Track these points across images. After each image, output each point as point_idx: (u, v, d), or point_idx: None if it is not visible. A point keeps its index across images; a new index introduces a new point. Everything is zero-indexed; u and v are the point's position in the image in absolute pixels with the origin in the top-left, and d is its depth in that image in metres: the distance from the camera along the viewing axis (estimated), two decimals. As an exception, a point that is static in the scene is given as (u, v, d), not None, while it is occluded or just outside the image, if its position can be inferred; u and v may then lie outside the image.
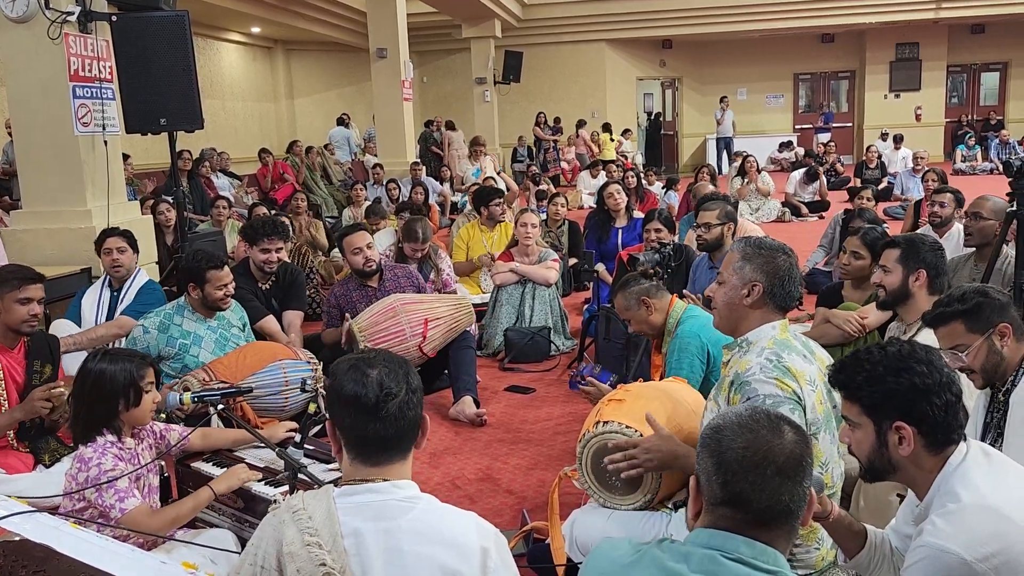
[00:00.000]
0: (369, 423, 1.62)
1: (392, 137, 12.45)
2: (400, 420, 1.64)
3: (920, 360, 1.75)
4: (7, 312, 3.34)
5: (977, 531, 1.63)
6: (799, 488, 1.41)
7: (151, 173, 12.14)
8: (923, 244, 3.18)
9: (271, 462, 3.04)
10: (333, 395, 1.67)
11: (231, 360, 3.77)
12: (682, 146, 21.19)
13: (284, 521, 1.60)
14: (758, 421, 1.45)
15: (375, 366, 1.66)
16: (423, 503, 1.64)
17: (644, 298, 3.42)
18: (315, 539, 1.56)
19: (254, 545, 1.62)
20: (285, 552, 1.56)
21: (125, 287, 4.64)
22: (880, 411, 1.76)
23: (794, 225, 10.83)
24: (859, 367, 1.79)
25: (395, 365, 1.68)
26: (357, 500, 1.61)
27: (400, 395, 1.64)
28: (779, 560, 1.39)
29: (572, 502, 3.08)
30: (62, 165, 5.43)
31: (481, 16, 15.98)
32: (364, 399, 1.62)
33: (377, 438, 1.63)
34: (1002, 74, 20.36)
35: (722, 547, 1.38)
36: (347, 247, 4.97)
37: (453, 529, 1.62)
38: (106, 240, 4.65)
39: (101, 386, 2.63)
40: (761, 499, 1.39)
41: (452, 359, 4.73)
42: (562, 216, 7.51)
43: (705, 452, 1.45)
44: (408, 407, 1.65)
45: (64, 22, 5.16)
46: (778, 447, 1.41)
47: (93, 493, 2.50)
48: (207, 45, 15.13)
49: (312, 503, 1.61)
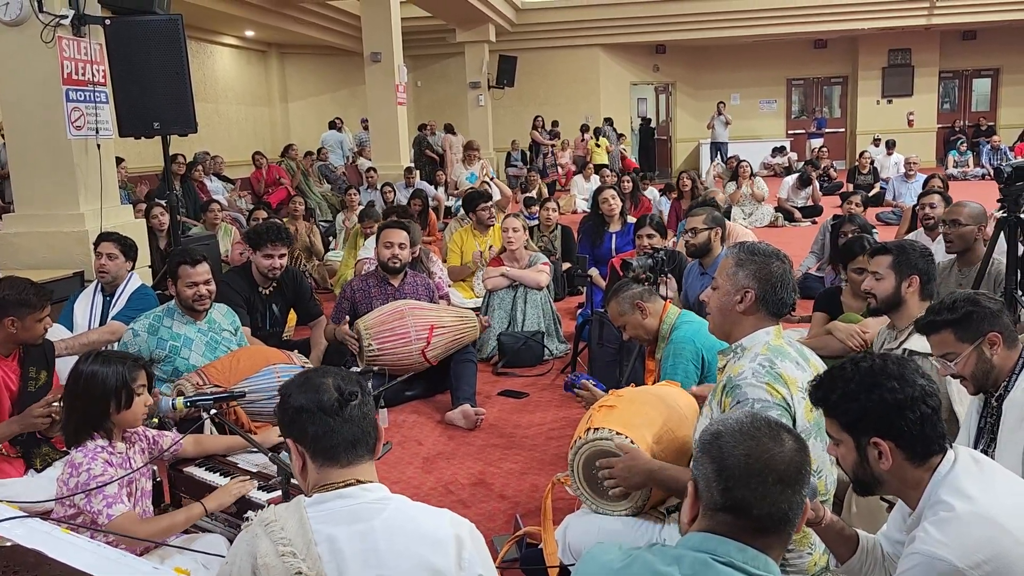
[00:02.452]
0: (336, 426, 1.68)
1: (386, 141, 12.46)
2: (363, 421, 1.71)
3: (891, 375, 1.75)
4: (28, 331, 3.39)
5: (969, 539, 1.64)
6: (798, 496, 1.42)
7: (144, 177, 12.11)
8: (913, 250, 3.18)
9: (264, 467, 3.04)
10: (290, 411, 1.71)
11: (224, 364, 3.76)
12: (675, 151, 21.23)
13: (257, 535, 1.62)
14: (759, 428, 1.46)
15: (328, 376, 1.73)
16: (395, 503, 1.67)
17: (638, 302, 3.43)
18: (289, 548, 1.58)
19: (229, 562, 1.65)
20: (260, 565, 1.58)
21: (118, 292, 4.62)
22: (857, 428, 1.78)
23: (787, 230, 10.87)
24: (834, 385, 1.81)
25: (347, 375, 1.76)
26: (328, 507, 1.64)
27: (358, 396, 1.71)
28: (770, 566, 1.40)
29: (565, 507, 3.08)
30: (55, 169, 5.41)
31: (475, 20, 16.00)
32: (326, 403, 1.68)
33: (345, 440, 1.68)
34: (994, 80, 20.46)
35: (714, 551, 1.39)
36: (382, 238, 5.05)
37: (427, 524, 1.65)
38: (100, 243, 4.65)
39: (92, 387, 2.63)
40: (762, 507, 1.40)
41: (453, 370, 4.76)
42: (554, 221, 7.53)
43: (705, 458, 1.46)
44: (367, 408, 1.72)
45: (57, 25, 5.15)
46: (779, 455, 1.42)
47: (82, 499, 2.49)
48: (201, 49, 15.11)
49: (284, 515, 1.64)
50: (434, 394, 4.99)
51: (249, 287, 4.87)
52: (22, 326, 3.36)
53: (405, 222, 5.34)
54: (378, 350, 4.56)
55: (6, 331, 3.35)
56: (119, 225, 5.60)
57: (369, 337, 4.55)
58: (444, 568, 1.60)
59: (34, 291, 3.44)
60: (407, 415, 4.70)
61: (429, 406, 4.87)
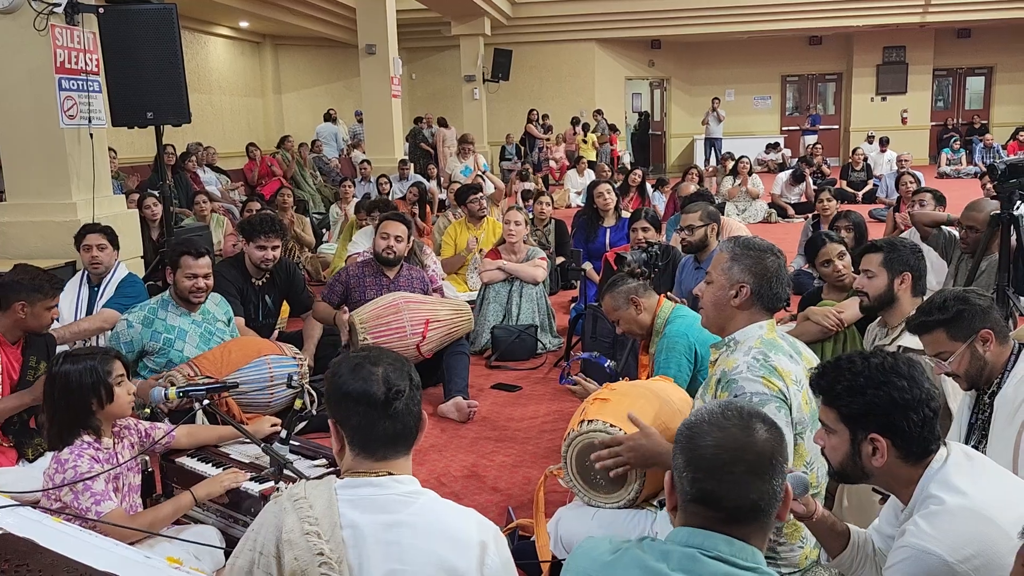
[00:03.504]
0: (379, 420, 1.63)
1: (380, 134, 12.42)
2: (407, 416, 1.66)
3: (902, 375, 1.74)
4: (36, 318, 3.40)
5: (959, 533, 1.65)
6: (768, 486, 1.40)
7: (136, 167, 12.06)
8: (904, 246, 3.19)
9: (256, 458, 3.03)
10: (337, 394, 1.66)
11: (216, 355, 3.75)
12: (670, 146, 21.24)
13: (285, 509, 1.60)
14: (729, 418, 1.44)
15: (379, 364, 1.67)
16: (424, 498, 1.65)
17: (633, 297, 3.42)
18: (314, 528, 1.56)
19: (254, 531, 1.62)
20: (284, 540, 1.56)
21: (104, 282, 4.61)
22: (857, 422, 1.77)
23: (780, 226, 10.89)
24: (840, 375, 1.79)
25: (398, 363, 1.70)
26: (358, 493, 1.62)
27: (406, 392, 1.66)
28: (757, 557, 1.40)
29: (557, 500, 3.09)
30: (47, 158, 5.39)
31: (471, 14, 15.96)
32: (374, 397, 1.63)
33: (386, 435, 1.65)
34: (987, 78, 20.52)
35: (701, 545, 1.39)
36: (380, 228, 5.04)
37: (453, 525, 1.63)
38: (86, 236, 4.62)
39: (69, 389, 2.60)
40: (730, 497, 1.38)
41: (446, 363, 4.75)
42: (548, 215, 7.52)
43: (678, 448, 1.46)
44: (413, 403, 1.68)
45: (50, 14, 5.12)
46: (748, 445, 1.40)
47: (69, 496, 2.48)
48: (195, 39, 15.04)
49: (314, 492, 1.62)
50: (427, 386, 4.98)
51: (242, 277, 4.86)
52: (31, 312, 3.36)
53: (404, 215, 5.33)
54: (372, 344, 4.56)
55: (15, 316, 3.35)
56: (111, 215, 5.58)
57: (364, 331, 4.53)
58: (464, 570, 1.58)
59: (47, 279, 3.46)
60: (400, 408, 4.70)
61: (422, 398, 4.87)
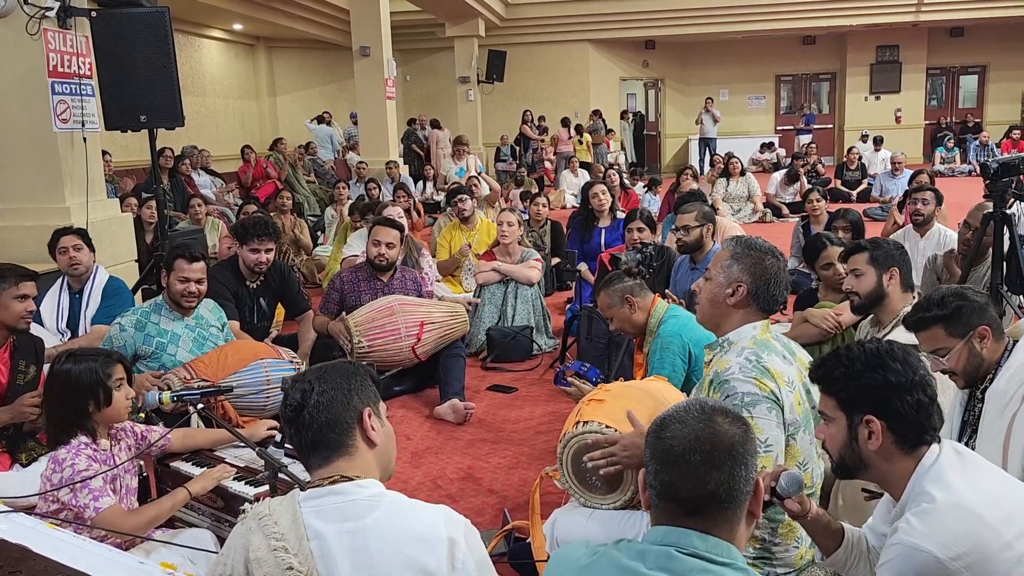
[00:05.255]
0: (294, 434, 1.71)
1: (375, 135, 12.42)
2: (313, 425, 1.68)
3: (896, 358, 1.78)
4: (4, 309, 3.35)
5: (950, 530, 1.65)
6: (727, 476, 1.40)
7: (131, 170, 12.03)
8: (888, 243, 3.23)
9: (251, 461, 3.02)
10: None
11: (212, 359, 3.74)
12: (665, 147, 21.26)
13: (251, 528, 1.62)
14: (690, 412, 1.46)
15: (297, 379, 1.74)
16: (388, 500, 1.65)
17: (627, 296, 3.43)
18: (281, 543, 1.57)
19: (223, 555, 1.64)
20: (252, 559, 1.57)
21: (87, 289, 4.54)
22: (853, 405, 1.79)
23: (775, 226, 10.89)
24: (838, 362, 1.83)
25: (301, 374, 1.77)
26: (321, 503, 1.62)
27: (312, 399, 1.68)
28: (732, 552, 1.40)
29: (553, 501, 3.09)
30: (40, 162, 5.37)
31: (465, 15, 15.96)
32: (285, 412, 1.71)
33: (303, 446, 1.70)
34: (980, 77, 20.56)
35: (676, 543, 1.39)
36: (372, 235, 5.01)
37: (420, 524, 1.62)
38: (60, 239, 4.54)
39: (68, 388, 2.60)
40: (686, 487, 1.40)
41: (442, 365, 4.75)
42: (544, 216, 7.52)
43: (647, 445, 1.48)
44: (318, 410, 1.68)
45: (43, 17, 5.10)
46: (705, 435, 1.42)
47: (67, 494, 2.47)
48: (188, 42, 15.02)
49: (278, 508, 1.63)
50: (423, 388, 4.99)
51: (236, 280, 4.85)
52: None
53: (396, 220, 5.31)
54: (368, 347, 4.56)
55: None
56: (105, 219, 5.57)
57: (359, 334, 4.54)
58: (435, 569, 1.58)
59: (10, 267, 3.42)
60: (395, 410, 4.69)
61: (418, 400, 4.87)
